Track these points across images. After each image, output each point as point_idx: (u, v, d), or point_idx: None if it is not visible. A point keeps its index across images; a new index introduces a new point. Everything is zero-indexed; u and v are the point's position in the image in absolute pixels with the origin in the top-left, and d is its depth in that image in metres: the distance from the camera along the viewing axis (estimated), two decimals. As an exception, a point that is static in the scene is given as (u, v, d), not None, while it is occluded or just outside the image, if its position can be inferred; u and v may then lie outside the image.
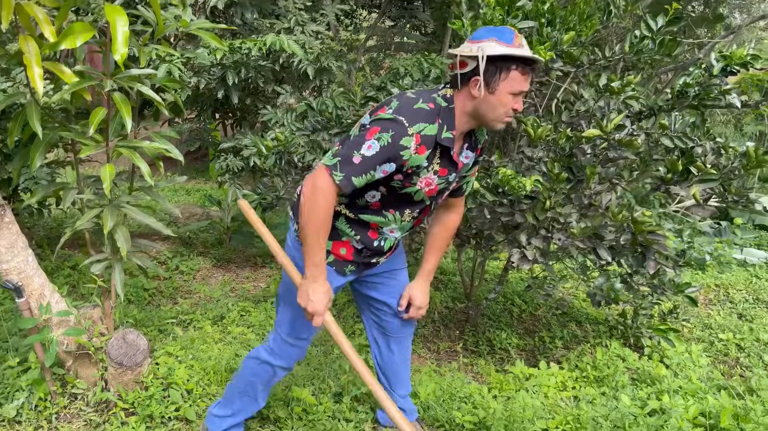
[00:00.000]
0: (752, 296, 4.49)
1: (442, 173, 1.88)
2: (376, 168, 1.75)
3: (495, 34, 1.75)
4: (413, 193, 1.89)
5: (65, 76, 1.97)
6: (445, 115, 1.81)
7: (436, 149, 1.82)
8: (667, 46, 3.09)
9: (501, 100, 1.77)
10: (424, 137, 1.76)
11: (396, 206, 1.94)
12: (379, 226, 1.98)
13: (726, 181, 2.68)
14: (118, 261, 2.35)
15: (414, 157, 1.76)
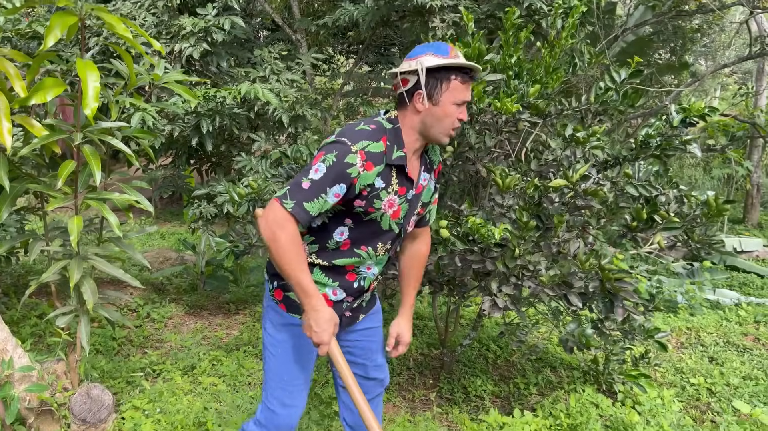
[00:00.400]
0: (723, 339, 4.54)
1: (401, 192, 1.88)
2: (326, 191, 1.73)
3: (431, 48, 1.81)
4: (379, 219, 1.87)
5: (35, 130, 1.97)
6: (392, 135, 1.83)
7: (390, 169, 1.83)
8: (630, 97, 3.21)
9: (446, 111, 1.81)
10: (368, 153, 1.76)
11: (367, 241, 1.92)
12: (355, 267, 1.95)
13: (689, 228, 2.75)
14: (84, 313, 2.31)
15: (363, 175, 1.75)
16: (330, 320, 1.81)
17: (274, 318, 2.02)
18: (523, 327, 3.14)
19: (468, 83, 1.83)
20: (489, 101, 2.85)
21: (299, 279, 1.76)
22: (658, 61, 11.29)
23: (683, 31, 10.63)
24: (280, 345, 2.02)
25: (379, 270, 2.02)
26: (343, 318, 2.02)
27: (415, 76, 1.78)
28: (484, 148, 3.01)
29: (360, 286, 1.99)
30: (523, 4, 4.29)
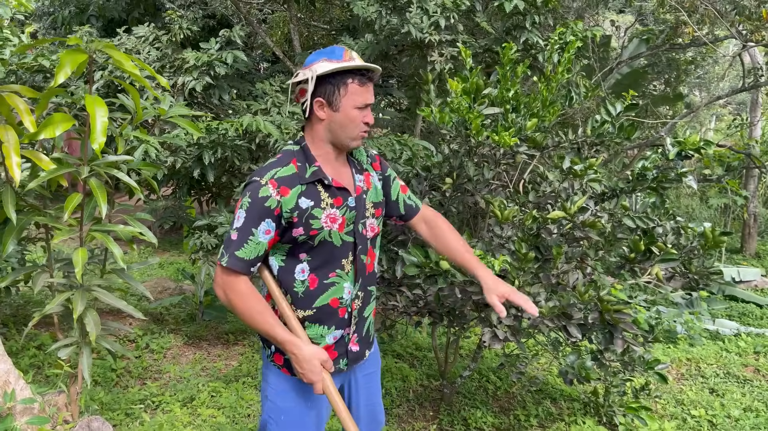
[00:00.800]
0: (723, 370, 4.53)
1: (337, 203, 1.82)
2: (253, 232, 1.71)
3: (324, 54, 1.78)
4: (329, 238, 1.81)
5: (43, 164, 2.01)
6: (299, 155, 1.80)
7: (315, 186, 1.78)
8: (626, 130, 3.27)
9: (349, 116, 1.78)
10: (279, 179, 1.73)
11: (331, 265, 1.85)
12: (336, 298, 1.88)
13: (687, 260, 2.78)
14: (87, 345, 2.32)
15: (282, 201, 1.72)
16: (313, 355, 1.75)
17: (277, 384, 1.92)
18: (522, 358, 3.15)
19: (367, 85, 1.80)
20: (487, 134, 2.90)
21: (267, 328, 1.74)
22: (653, 93, 11.46)
23: (677, 63, 10.80)
24: (284, 412, 1.91)
25: (357, 287, 1.93)
26: (350, 354, 1.95)
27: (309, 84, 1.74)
28: (482, 180, 3.05)
29: (349, 313, 1.92)
30: (520, 38, 4.39)
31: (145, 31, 5.00)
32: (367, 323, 2.02)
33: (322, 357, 1.77)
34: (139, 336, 4.91)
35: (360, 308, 1.95)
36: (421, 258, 2.77)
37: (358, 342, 1.98)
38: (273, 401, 1.91)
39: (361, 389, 2.07)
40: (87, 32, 5.08)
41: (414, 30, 4.36)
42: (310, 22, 8.15)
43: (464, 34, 4.66)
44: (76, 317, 2.16)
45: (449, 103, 2.96)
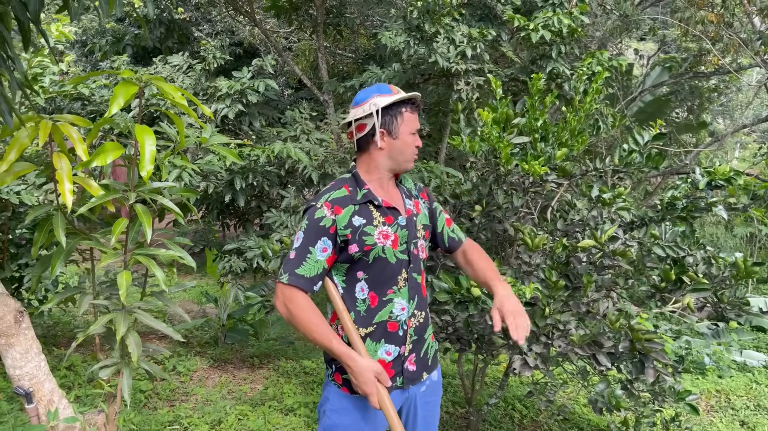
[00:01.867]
0: (753, 402, 4.47)
1: (389, 221, 1.95)
2: (310, 251, 1.84)
3: (374, 90, 1.98)
4: (383, 254, 1.92)
5: (92, 190, 2.10)
6: (351, 181, 1.97)
7: (366, 206, 1.92)
8: (654, 159, 3.29)
9: (406, 142, 1.98)
10: (333, 200, 1.89)
11: (387, 283, 1.95)
12: (391, 315, 1.96)
13: (719, 290, 2.78)
14: (127, 366, 2.38)
15: (337, 219, 1.86)
16: (368, 367, 1.81)
17: (336, 401, 1.99)
18: (551, 386, 3.14)
19: (415, 112, 2.00)
20: (516, 163, 2.95)
21: (324, 340, 1.82)
22: (675, 120, 11.45)
23: (700, 90, 10.80)
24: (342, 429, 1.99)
25: (413, 305, 2.01)
26: (405, 372, 2.00)
27: (371, 119, 1.93)
28: (511, 208, 3.09)
29: (404, 330, 1.99)
30: (546, 68, 4.45)
31: (179, 60, 5.17)
32: (425, 345, 2.08)
33: (376, 370, 1.83)
34: (165, 358, 4.98)
35: (417, 327, 2.03)
36: (451, 284, 2.81)
37: (416, 362, 2.04)
38: (331, 418, 1.99)
39: (419, 415, 2.10)
40: (124, 61, 5.25)
41: (441, 59, 4.45)
42: (336, 51, 8.33)
43: (490, 64, 4.74)
44: (119, 338, 2.23)
45: (479, 132, 3.02)
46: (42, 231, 2.19)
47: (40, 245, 2.21)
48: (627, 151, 3.36)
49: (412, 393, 2.06)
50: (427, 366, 2.08)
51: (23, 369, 2.14)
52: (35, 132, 2.01)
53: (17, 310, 2.13)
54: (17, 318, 2.12)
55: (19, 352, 2.13)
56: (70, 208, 1.96)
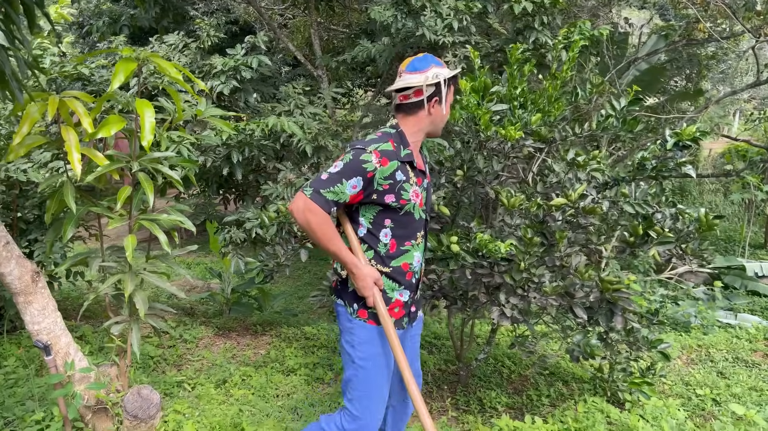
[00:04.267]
0: (732, 355, 4.69)
1: (419, 182, 2.22)
2: (342, 182, 2.04)
3: (432, 61, 2.20)
4: (413, 210, 2.18)
5: (98, 160, 2.29)
6: (396, 138, 2.17)
7: (405, 165, 2.15)
8: (629, 123, 3.47)
9: (447, 111, 2.26)
10: (382, 151, 2.09)
11: (409, 235, 2.21)
12: (409, 264, 2.23)
13: (684, 243, 2.97)
14: (136, 322, 2.60)
15: (380, 169, 2.07)
16: (368, 274, 2.11)
17: (364, 335, 2.21)
18: (532, 338, 3.36)
19: None
20: (495, 129, 3.13)
21: (336, 249, 2.09)
22: (674, 89, 11.50)
23: (698, 58, 10.82)
24: (372, 358, 2.22)
25: (423, 258, 2.33)
26: (410, 314, 2.32)
27: (431, 87, 2.14)
28: (491, 172, 3.27)
29: (417, 279, 2.30)
30: (530, 39, 4.60)
31: (174, 39, 5.31)
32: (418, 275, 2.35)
33: (375, 276, 2.14)
34: (172, 328, 5.21)
35: (419, 276, 2.33)
36: (433, 242, 3.01)
37: (415, 304, 2.36)
38: (361, 350, 2.23)
39: (408, 348, 2.39)
40: (122, 41, 5.40)
41: (428, 32, 4.60)
42: (330, 27, 8.43)
43: (477, 36, 4.88)
44: (127, 296, 2.44)
45: (459, 101, 3.19)
46: (54, 200, 2.39)
47: (53, 212, 2.41)
48: (604, 116, 3.53)
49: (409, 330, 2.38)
50: (420, 306, 2.43)
51: (41, 324, 2.35)
52: (44, 107, 2.20)
53: (34, 271, 2.34)
54: (34, 278, 2.33)
55: (36, 309, 2.34)
56: (79, 176, 2.15)
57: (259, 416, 3.31)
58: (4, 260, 2.23)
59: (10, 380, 3.70)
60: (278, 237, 3.72)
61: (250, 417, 3.27)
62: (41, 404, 3.10)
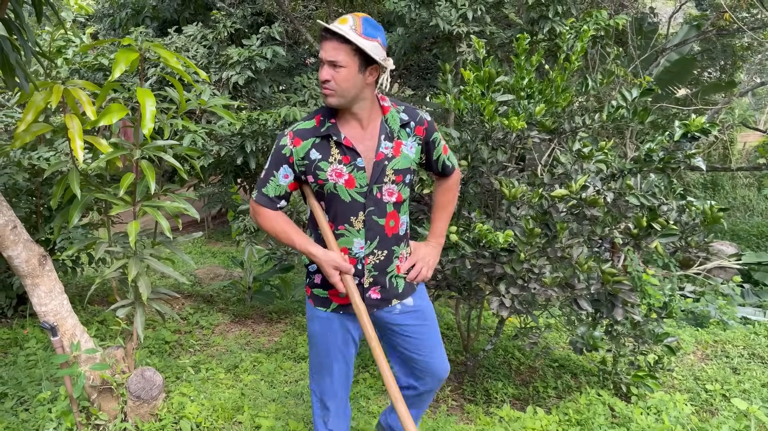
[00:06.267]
0: (748, 351, 4.61)
1: (345, 161, 2.02)
2: (274, 174, 2.05)
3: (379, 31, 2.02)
4: (335, 190, 2.02)
5: (102, 147, 2.36)
6: (325, 112, 2.05)
7: (327, 141, 2.01)
8: (640, 114, 3.42)
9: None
10: (297, 131, 2.03)
11: (341, 218, 2.07)
12: (348, 250, 2.10)
13: (689, 235, 2.93)
14: (140, 305, 2.68)
15: (294, 150, 2.01)
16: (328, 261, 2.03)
17: (309, 312, 2.27)
18: (535, 329, 3.36)
19: (325, 40, 1.97)
20: (499, 120, 3.12)
21: (290, 240, 2.09)
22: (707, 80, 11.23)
23: (733, 48, 10.55)
24: (312, 337, 2.27)
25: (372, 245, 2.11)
26: (367, 300, 2.16)
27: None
28: (496, 163, 3.27)
29: (362, 265, 2.12)
30: (544, 28, 4.55)
31: (193, 30, 5.39)
32: (389, 276, 2.19)
33: (335, 261, 2.04)
34: (190, 314, 5.33)
35: (378, 264, 2.15)
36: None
37: (380, 292, 2.19)
38: (308, 326, 2.29)
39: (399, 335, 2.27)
40: (142, 32, 5.51)
41: (442, 23, 4.59)
42: (351, 18, 8.43)
43: (492, 26, 4.85)
44: (131, 280, 2.51)
45: (464, 91, 3.19)
46: (60, 186, 2.47)
47: (59, 197, 2.49)
48: (615, 107, 3.49)
49: (378, 316, 2.24)
50: (397, 294, 2.22)
51: (48, 306, 2.44)
52: (49, 96, 2.27)
53: (41, 254, 2.43)
54: (41, 261, 2.42)
55: (44, 291, 2.43)
56: (81, 162, 2.22)
57: (262, 400, 3.38)
58: (11, 244, 2.32)
59: (30, 361, 3.84)
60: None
61: (253, 401, 3.33)
62: (56, 384, 3.22)
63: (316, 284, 2.21)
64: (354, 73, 1.94)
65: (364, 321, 2.06)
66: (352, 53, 1.92)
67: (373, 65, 1.97)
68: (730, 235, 10.97)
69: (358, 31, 1.92)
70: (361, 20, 1.95)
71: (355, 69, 1.94)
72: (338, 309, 2.21)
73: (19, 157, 3.75)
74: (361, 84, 1.97)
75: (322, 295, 2.21)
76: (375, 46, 1.95)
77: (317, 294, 2.22)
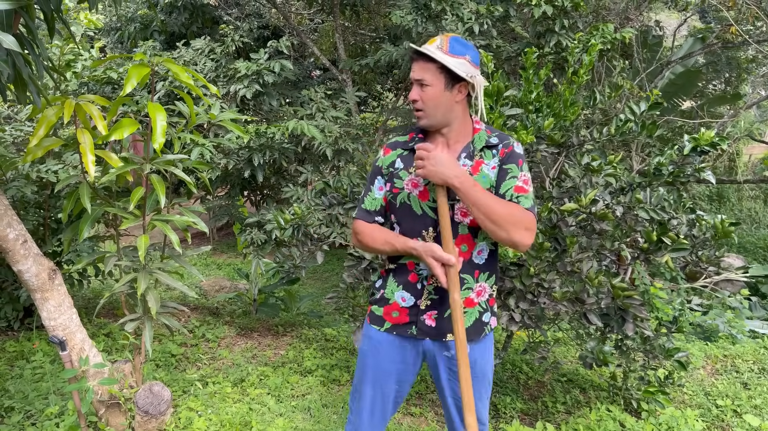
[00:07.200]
0: (758, 366, 4.56)
1: None
2: (371, 188, 2.08)
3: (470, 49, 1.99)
4: (408, 200, 2.00)
5: (112, 162, 2.36)
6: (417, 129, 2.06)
7: (410, 154, 2.03)
8: (648, 128, 3.42)
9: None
10: (389, 143, 2.10)
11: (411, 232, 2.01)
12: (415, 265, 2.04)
13: (700, 249, 2.91)
14: (149, 320, 2.67)
15: (383, 159, 2.07)
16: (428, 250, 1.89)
17: (363, 329, 2.22)
18: (545, 344, 3.33)
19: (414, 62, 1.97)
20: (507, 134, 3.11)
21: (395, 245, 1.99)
22: (712, 92, 11.22)
23: (738, 61, 10.55)
24: (359, 354, 2.20)
25: None
26: (420, 324, 2.06)
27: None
28: (505, 177, 3.25)
29: (423, 285, 2.04)
30: (551, 42, 4.56)
31: (201, 44, 5.43)
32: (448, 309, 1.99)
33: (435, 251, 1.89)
34: (196, 327, 5.32)
35: (439, 288, 2.03)
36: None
37: (436, 319, 2.06)
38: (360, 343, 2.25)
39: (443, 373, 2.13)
40: (151, 46, 5.55)
41: (449, 37, 4.59)
42: (358, 31, 8.50)
43: (498, 39, 4.87)
44: (140, 294, 2.51)
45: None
46: (70, 200, 2.47)
47: (69, 211, 2.49)
48: (623, 121, 3.48)
49: (429, 347, 2.11)
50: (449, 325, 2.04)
51: (57, 320, 2.44)
52: (61, 111, 2.28)
53: (51, 268, 2.43)
54: (51, 275, 2.42)
55: (53, 305, 2.43)
56: (93, 177, 2.22)
57: (270, 415, 3.36)
58: (22, 258, 2.32)
59: (37, 375, 3.84)
60: (294, 239, 3.77)
61: (260, 416, 3.32)
62: (63, 399, 3.21)
63: (375, 300, 2.15)
64: (440, 90, 1.91)
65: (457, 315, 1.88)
66: (437, 71, 1.91)
67: (461, 82, 1.93)
68: (736, 248, 10.92)
69: (444, 49, 1.91)
70: (449, 39, 1.94)
71: (441, 87, 1.91)
72: (392, 330, 2.12)
73: (28, 170, 3.76)
74: (450, 102, 1.94)
75: (378, 312, 2.14)
76: (462, 63, 1.91)
77: (374, 310, 2.16)
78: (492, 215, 1.84)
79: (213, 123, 2.84)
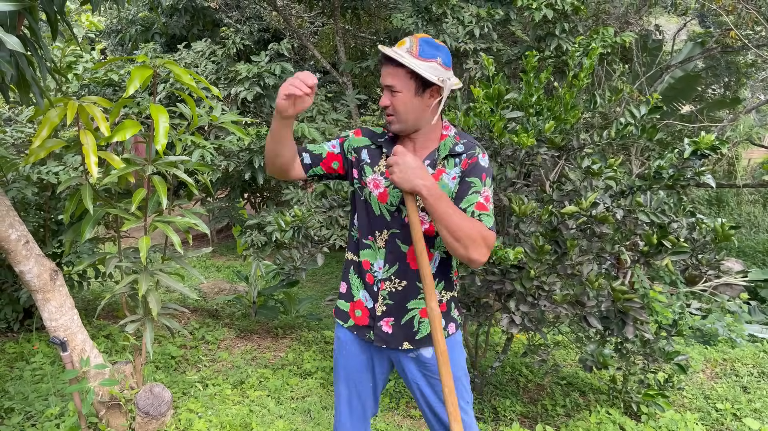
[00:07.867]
0: (758, 370, 4.57)
1: (387, 175, 1.91)
2: (325, 142, 2.06)
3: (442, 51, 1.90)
4: (369, 199, 1.98)
5: (115, 163, 2.37)
6: None
7: (377, 149, 1.98)
8: (649, 131, 3.42)
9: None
10: (362, 129, 2.06)
11: (367, 228, 1.99)
12: (370, 264, 2.00)
13: (700, 253, 2.92)
14: (149, 321, 2.67)
15: (351, 137, 2.02)
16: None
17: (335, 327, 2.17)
18: (545, 347, 3.34)
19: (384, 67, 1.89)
20: (508, 137, 3.12)
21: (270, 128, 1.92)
22: (711, 97, 11.25)
23: (737, 65, 10.58)
24: (334, 354, 2.15)
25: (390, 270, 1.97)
26: (376, 330, 2.00)
27: None
28: (505, 179, 3.27)
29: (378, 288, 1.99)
30: (551, 45, 4.58)
31: (202, 47, 5.44)
32: (408, 315, 2.00)
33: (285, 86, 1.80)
34: (195, 329, 5.31)
35: (393, 293, 1.98)
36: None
37: (393, 326, 2.00)
38: None
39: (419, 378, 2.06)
40: (152, 49, 5.56)
41: (449, 39, 4.61)
42: (358, 34, 8.51)
43: (499, 43, 4.88)
44: (141, 295, 2.51)
45: (473, 108, 3.20)
46: (72, 201, 2.48)
47: (71, 213, 2.50)
48: (623, 124, 3.49)
49: (396, 358, 2.07)
50: (412, 339, 2.01)
51: (58, 321, 2.44)
52: (64, 112, 2.28)
53: (52, 269, 2.43)
54: (52, 276, 2.42)
55: (54, 306, 2.43)
56: (95, 178, 2.23)
57: (270, 417, 3.36)
58: (23, 259, 2.33)
59: (37, 376, 3.83)
60: (294, 241, 3.78)
61: (260, 417, 3.32)
62: (63, 400, 3.21)
63: (342, 294, 2.11)
64: (411, 96, 1.84)
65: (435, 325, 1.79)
66: (407, 77, 1.83)
67: (433, 87, 1.85)
68: (735, 252, 10.93)
69: (413, 52, 1.82)
70: (419, 41, 1.85)
71: (412, 93, 1.84)
72: (353, 329, 2.07)
73: (28, 172, 3.77)
74: (421, 107, 1.87)
75: (344, 307, 2.10)
76: (432, 66, 1.82)
77: (340, 305, 2.12)
78: (456, 232, 1.76)
79: (214, 125, 2.85)
